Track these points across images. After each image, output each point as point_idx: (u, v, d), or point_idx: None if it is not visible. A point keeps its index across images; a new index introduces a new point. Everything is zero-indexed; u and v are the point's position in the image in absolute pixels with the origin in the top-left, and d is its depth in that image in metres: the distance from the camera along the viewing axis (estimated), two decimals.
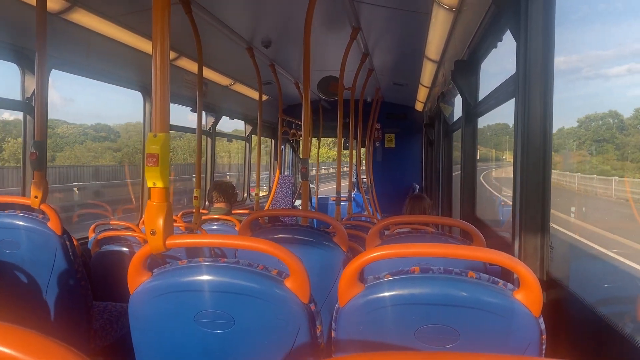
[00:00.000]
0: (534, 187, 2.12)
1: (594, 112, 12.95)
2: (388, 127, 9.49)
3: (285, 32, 4.93)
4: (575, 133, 13.09)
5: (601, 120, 12.62)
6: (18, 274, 2.52)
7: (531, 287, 1.34)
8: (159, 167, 1.65)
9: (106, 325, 2.86)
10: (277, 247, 1.55)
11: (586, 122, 13.10)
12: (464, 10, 3.12)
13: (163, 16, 1.68)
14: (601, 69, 19.96)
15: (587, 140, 12.93)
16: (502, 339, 1.37)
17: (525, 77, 2.14)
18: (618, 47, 22.25)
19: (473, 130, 4.04)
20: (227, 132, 7.53)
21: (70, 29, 3.63)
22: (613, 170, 12.11)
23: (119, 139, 29.23)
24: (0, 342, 0.59)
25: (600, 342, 1.66)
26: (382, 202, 8.27)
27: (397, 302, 1.38)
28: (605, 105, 17.26)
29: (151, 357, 1.63)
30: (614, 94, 20.25)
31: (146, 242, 1.67)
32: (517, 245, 2.19)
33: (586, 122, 13.10)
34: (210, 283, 1.51)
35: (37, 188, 2.72)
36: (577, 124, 13.08)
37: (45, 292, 2.52)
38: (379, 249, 1.45)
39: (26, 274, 2.52)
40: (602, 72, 20.05)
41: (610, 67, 21.47)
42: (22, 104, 3.43)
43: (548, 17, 2.08)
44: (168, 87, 1.70)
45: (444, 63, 4.57)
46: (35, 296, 2.52)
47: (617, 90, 21.14)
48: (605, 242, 7.66)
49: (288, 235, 2.49)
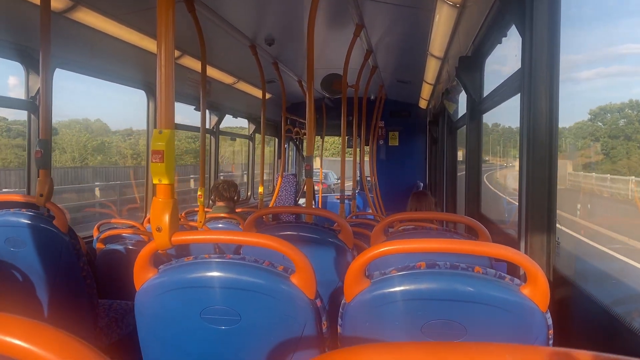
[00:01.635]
0: (540, 182, 2.10)
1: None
2: (392, 124, 9.48)
3: (288, 30, 4.92)
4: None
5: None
6: (24, 272, 2.53)
7: (538, 282, 1.33)
8: (164, 163, 1.65)
9: (112, 323, 2.86)
10: (282, 243, 1.55)
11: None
12: (468, 6, 3.10)
13: (167, 15, 1.68)
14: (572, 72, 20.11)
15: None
16: (509, 334, 1.36)
17: (531, 72, 2.12)
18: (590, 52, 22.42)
19: (478, 127, 4.03)
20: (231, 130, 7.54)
21: (75, 28, 3.64)
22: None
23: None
24: (17, 335, 0.60)
25: (608, 337, 1.65)
26: (386, 200, 8.25)
27: (403, 298, 1.38)
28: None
29: (158, 353, 1.64)
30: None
31: (151, 239, 1.67)
32: (523, 241, 2.18)
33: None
34: (217, 279, 1.51)
35: (42, 186, 2.73)
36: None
37: (51, 291, 2.53)
38: (386, 244, 1.44)
39: (32, 272, 2.52)
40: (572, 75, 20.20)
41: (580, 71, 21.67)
42: (26, 103, 3.44)
43: (554, 11, 2.06)
44: (173, 84, 1.70)
45: (448, 60, 4.55)
46: (41, 294, 2.53)
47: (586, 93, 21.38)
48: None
49: (293, 233, 2.48)
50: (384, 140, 9.55)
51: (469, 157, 4.10)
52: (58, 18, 3.41)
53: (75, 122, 30.27)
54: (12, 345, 0.61)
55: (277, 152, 9.32)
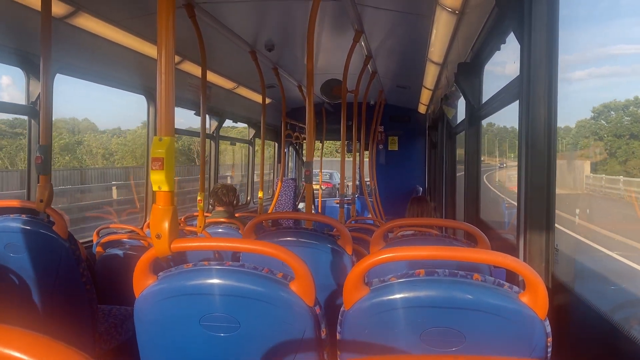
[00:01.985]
0: (538, 189, 2.11)
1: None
2: (391, 129, 9.50)
3: (288, 36, 4.94)
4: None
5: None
6: (23, 278, 2.52)
7: (537, 290, 1.34)
8: (164, 170, 1.66)
9: (111, 329, 2.86)
10: (282, 250, 1.55)
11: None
12: (466, 13, 3.12)
13: (168, 20, 1.69)
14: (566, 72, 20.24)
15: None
16: (508, 341, 1.37)
17: (530, 79, 2.13)
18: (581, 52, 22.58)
19: (477, 133, 4.04)
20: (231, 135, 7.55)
21: (75, 34, 3.65)
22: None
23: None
24: (8, 345, 0.60)
25: (606, 345, 1.65)
26: (386, 205, 8.25)
27: (402, 305, 1.38)
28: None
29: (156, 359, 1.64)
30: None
31: (151, 245, 1.68)
32: (522, 248, 2.18)
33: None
34: (216, 286, 1.51)
35: (42, 192, 2.73)
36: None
37: (51, 296, 2.53)
38: (385, 252, 1.45)
39: (31, 278, 2.52)
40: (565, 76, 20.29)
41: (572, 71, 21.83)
42: (27, 109, 3.45)
43: (552, 18, 2.07)
44: (173, 91, 1.70)
45: (447, 65, 4.57)
46: (41, 300, 2.53)
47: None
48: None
49: (292, 239, 2.49)
50: (383, 145, 9.56)
51: (468, 163, 4.11)
52: (59, 23, 3.42)
53: (61, 120, 29.63)
54: (9, 357, 0.61)
55: (277, 157, 9.33)
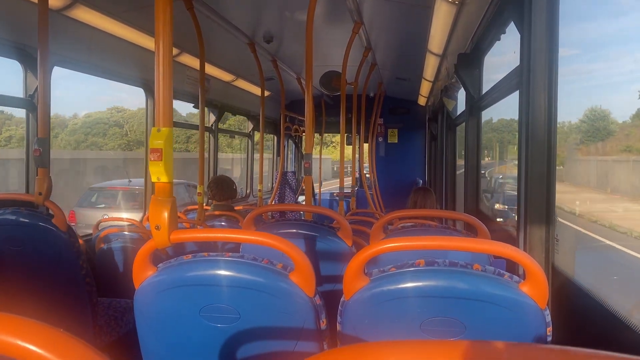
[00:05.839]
0: (538, 178, 2.11)
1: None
2: (391, 122, 9.47)
3: (287, 27, 4.91)
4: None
5: None
6: (23, 271, 2.52)
7: (537, 279, 1.33)
8: (162, 161, 1.65)
9: (111, 321, 2.86)
10: (281, 240, 1.55)
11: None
12: (466, 3, 3.09)
13: (165, 12, 1.67)
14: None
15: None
16: (508, 331, 1.37)
17: (530, 69, 2.12)
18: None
19: (477, 124, 4.03)
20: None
21: (72, 26, 3.63)
22: None
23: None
24: (20, 336, 0.60)
25: (606, 334, 1.65)
26: (386, 198, 8.25)
27: (402, 295, 1.38)
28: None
29: (157, 352, 1.64)
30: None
31: (150, 237, 1.67)
32: (522, 238, 2.18)
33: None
34: (216, 277, 1.51)
35: (41, 184, 2.73)
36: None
37: (50, 289, 2.53)
38: (385, 242, 1.44)
39: (31, 271, 2.52)
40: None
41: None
42: (24, 102, 3.44)
43: (552, 7, 2.06)
44: (171, 82, 1.69)
45: (446, 56, 4.55)
46: (40, 293, 2.53)
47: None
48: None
49: (292, 230, 2.48)
50: (383, 137, 9.54)
51: (468, 154, 4.10)
52: (56, 16, 3.40)
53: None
54: (11, 345, 0.61)
55: (276, 150, 9.32)
